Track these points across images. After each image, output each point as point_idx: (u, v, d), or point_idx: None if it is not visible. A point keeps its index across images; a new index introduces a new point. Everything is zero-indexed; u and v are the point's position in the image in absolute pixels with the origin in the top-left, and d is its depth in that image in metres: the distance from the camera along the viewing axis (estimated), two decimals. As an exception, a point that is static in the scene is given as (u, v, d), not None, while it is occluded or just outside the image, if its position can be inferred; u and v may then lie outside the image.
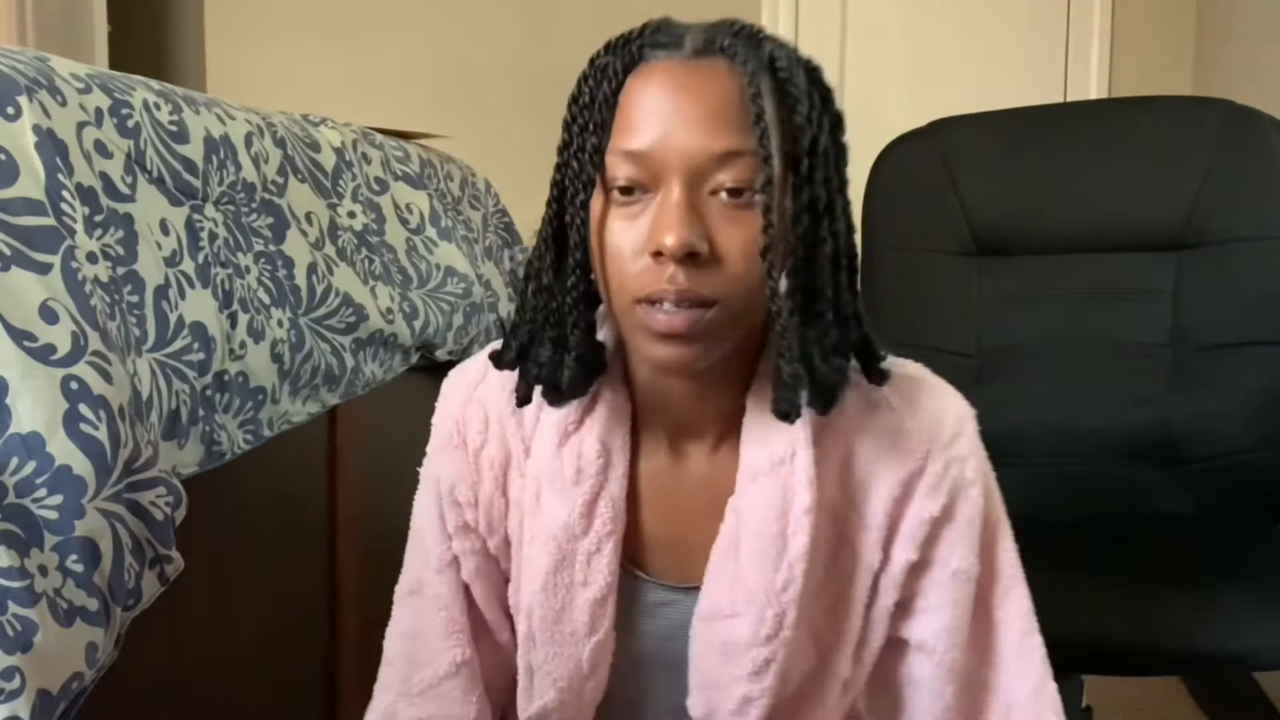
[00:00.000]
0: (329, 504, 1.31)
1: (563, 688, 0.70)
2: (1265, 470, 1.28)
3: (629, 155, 0.59)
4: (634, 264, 0.59)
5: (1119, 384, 1.35)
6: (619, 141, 0.59)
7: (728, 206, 0.59)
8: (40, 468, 0.70)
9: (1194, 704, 1.83)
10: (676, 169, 0.58)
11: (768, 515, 0.66)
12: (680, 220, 0.57)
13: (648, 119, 0.58)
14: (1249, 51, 2.09)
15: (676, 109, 0.58)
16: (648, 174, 0.59)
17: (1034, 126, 1.47)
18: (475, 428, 0.72)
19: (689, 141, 0.58)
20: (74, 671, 0.71)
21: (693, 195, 0.58)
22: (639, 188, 0.59)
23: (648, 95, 0.59)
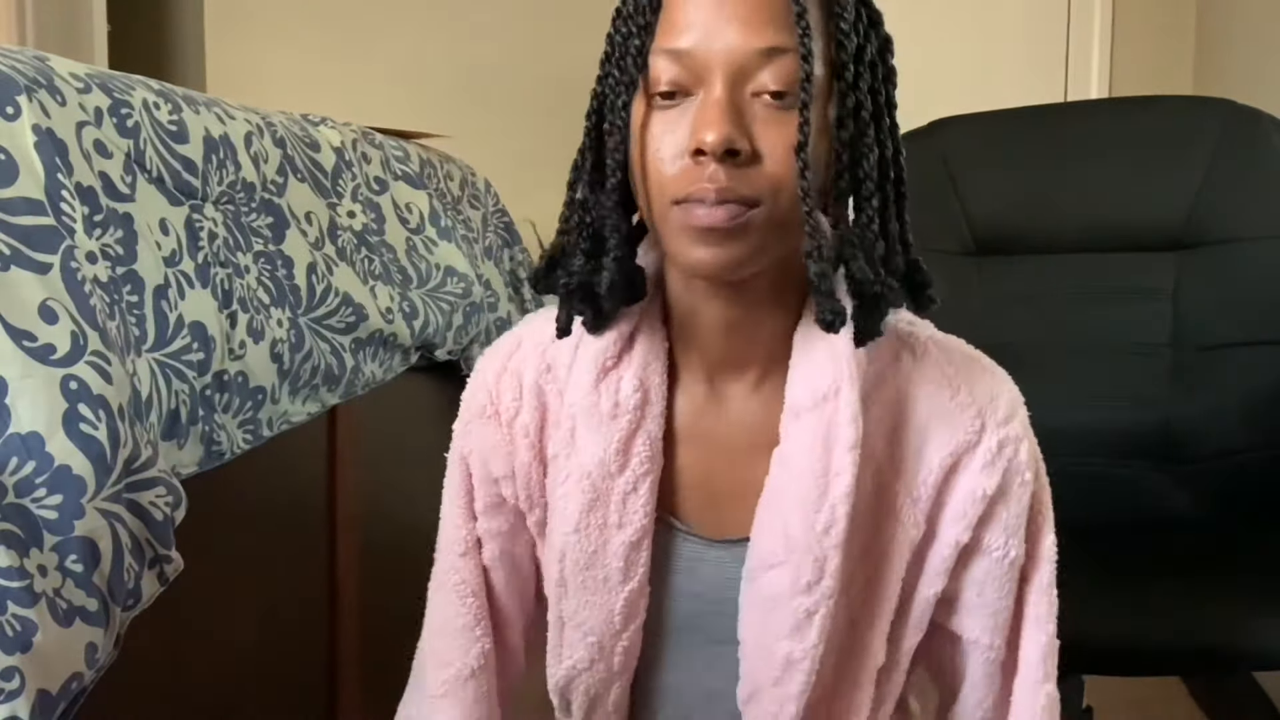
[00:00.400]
0: (329, 504, 1.30)
1: (593, 643, 0.68)
2: (1265, 470, 1.28)
3: (672, 54, 0.58)
4: (673, 166, 0.59)
5: (1119, 384, 1.35)
6: (663, 41, 0.59)
7: (771, 108, 0.58)
8: (40, 467, 0.70)
9: (1194, 704, 1.83)
10: (719, 67, 0.57)
11: (811, 454, 0.63)
12: (721, 117, 0.56)
13: (692, 18, 0.58)
14: (1249, 51, 2.09)
15: (720, 7, 0.57)
16: (690, 74, 0.58)
17: (1034, 126, 1.47)
18: (509, 396, 0.72)
19: (732, 38, 0.57)
20: (73, 672, 0.71)
21: (735, 94, 0.57)
22: (681, 90, 0.59)
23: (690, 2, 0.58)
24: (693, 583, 0.69)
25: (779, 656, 0.65)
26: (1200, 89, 2.31)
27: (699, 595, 0.69)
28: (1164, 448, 1.31)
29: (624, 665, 0.69)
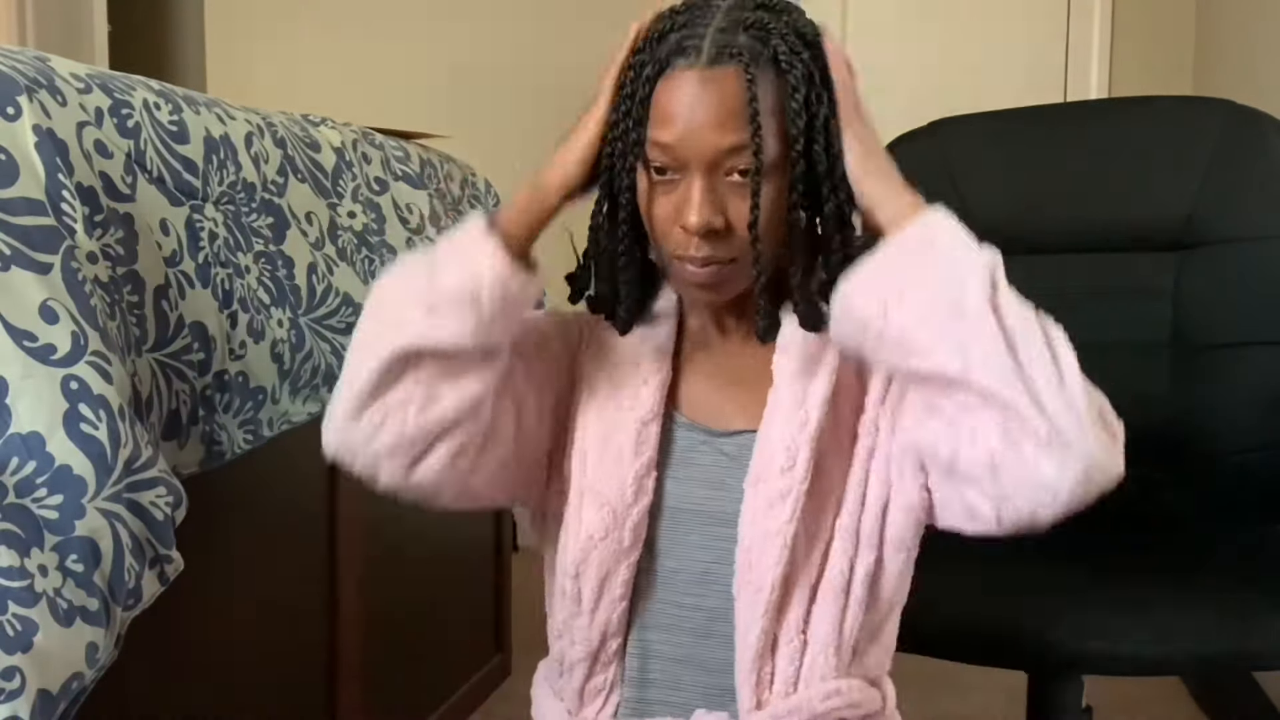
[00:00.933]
0: (329, 504, 1.31)
1: (607, 513, 0.78)
2: (1265, 470, 1.28)
3: (661, 147, 0.73)
4: (670, 230, 0.75)
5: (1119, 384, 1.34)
6: (655, 132, 0.73)
7: (739, 184, 0.73)
8: (40, 467, 0.70)
9: (1194, 704, 1.83)
10: (696, 159, 0.72)
11: (796, 377, 0.79)
12: (699, 204, 0.72)
13: (675, 117, 0.72)
14: (1249, 52, 2.09)
15: (693, 111, 0.72)
16: (676, 160, 0.73)
17: (1034, 126, 1.47)
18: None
19: (704, 138, 0.72)
20: (74, 671, 0.71)
21: (710, 179, 0.73)
22: (671, 169, 0.74)
23: (675, 97, 0.73)
24: (693, 469, 0.80)
25: (759, 529, 0.76)
26: (1200, 89, 2.31)
27: (699, 480, 0.80)
28: (1165, 448, 1.31)
29: (633, 541, 0.78)
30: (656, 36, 0.75)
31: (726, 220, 0.73)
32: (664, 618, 0.79)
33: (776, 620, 0.76)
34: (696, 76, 0.72)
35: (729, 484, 0.79)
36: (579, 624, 0.79)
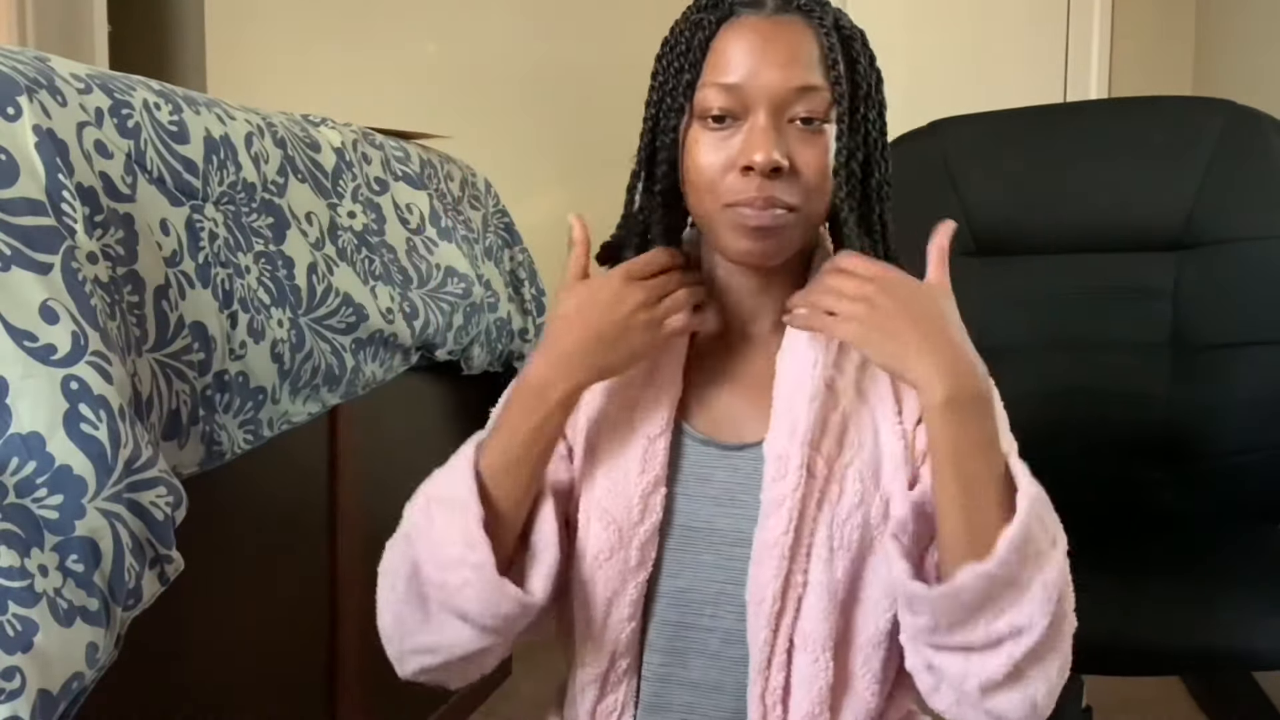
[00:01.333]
0: (329, 504, 1.31)
1: (614, 531, 0.75)
2: (1265, 470, 1.28)
3: (724, 88, 0.72)
4: (725, 177, 0.72)
5: (1119, 384, 1.35)
6: (714, 76, 0.72)
7: (803, 131, 0.72)
8: (40, 467, 0.70)
9: (1194, 704, 1.83)
10: (762, 100, 0.71)
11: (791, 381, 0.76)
12: (768, 141, 0.70)
13: (740, 60, 0.72)
14: (1249, 52, 2.09)
15: (763, 53, 0.71)
16: (738, 104, 0.71)
17: (1034, 126, 1.47)
18: None
19: (773, 77, 0.71)
20: (74, 671, 0.71)
21: (775, 121, 0.71)
22: (729, 115, 0.72)
23: (740, 42, 0.72)
24: (706, 485, 0.77)
25: (760, 541, 0.73)
26: (1200, 89, 2.31)
27: (712, 497, 0.77)
28: (1164, 448, 1.31)
29: (640, 560, 0.75)
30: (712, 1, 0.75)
31: (790, 163, 0.71)
32: (677, 640, 0.76)
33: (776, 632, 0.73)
34: (764, 22, 0.72)
35: (743, 500, 0.75)
36: (588, 644, 0.76)
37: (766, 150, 0.69)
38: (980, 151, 1.45)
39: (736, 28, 0.73)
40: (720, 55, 0.72)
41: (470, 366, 1.55)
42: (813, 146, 0.71)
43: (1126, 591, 1.09)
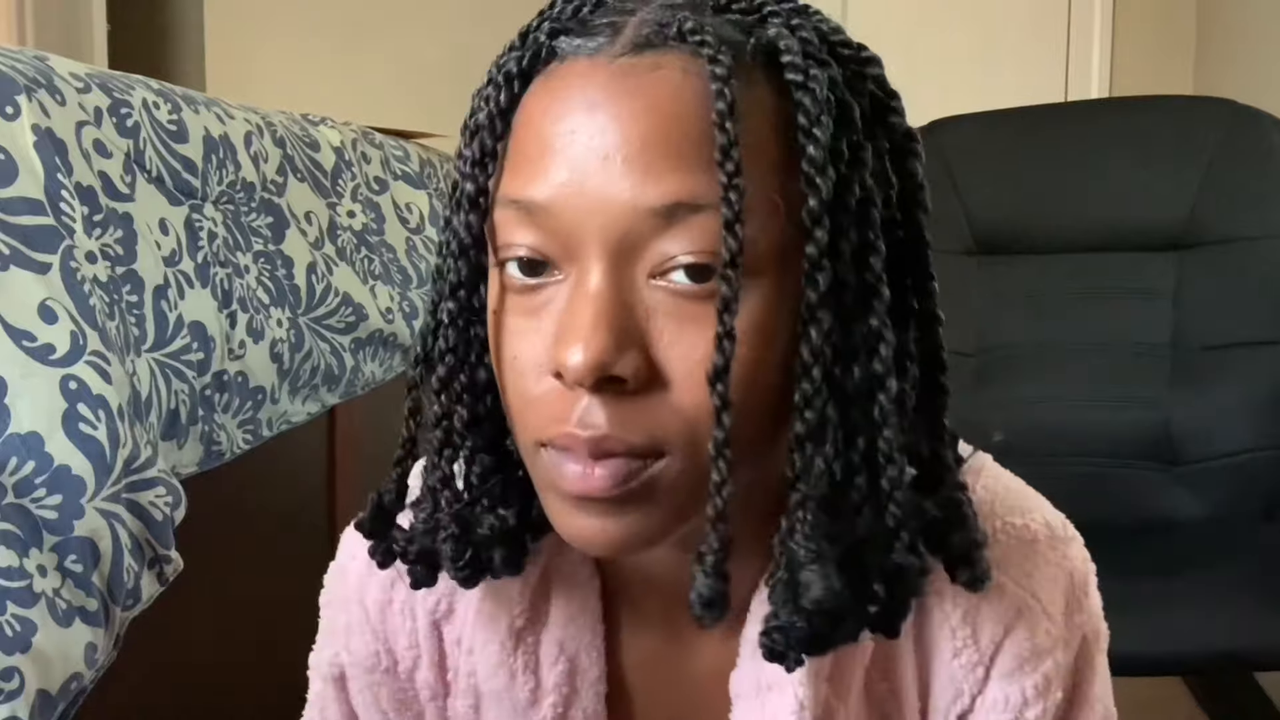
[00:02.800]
0: (329, 504, 1.30)
1: None
2: (1265, 470, 1.28)
3: (522, 209, 0.38)
4: (537, 386, 0.39)
5: (1119, 384, 1.35)
6: (509, 186, 0.39)
7: (683, 295, 0.37)
8: (39, 468, 0.70)
9: (1194, 704, 1.82)
10: (595, 235, 0.37)
11: (766, 675, 0.46)
12: (593, 323, 0.37)
13: (551, 151, 0.37)
14: (1250, 51, 2.09)
15: (594, 135, 0.37)
16: (554, 241, 0.38)
17: (1034, 126, 1.47)
18: (404, 641, 0.52)
19: (611, 188, 0.36)
20: (73, 672, 0.71)
21: (620, 278, 0.37)
22: (545, 263, 0.39)
23: (552, 113, 0.38)
24: None
25: None
26: (1200, 89, 2.31)
27: None
28: (1165, 448, 1.30)
29: None
30: (529, 27, 0.43)
31: (648, 361, 0.38)
32: None
33: None
34: (604, 69, 0.38)
35: None
36: None
37: (589, 342, 0.36)
38: (980, 151, 1.45)
39: (555, 81, 0.39)
40: (521, 140, 0.39)
41: (470, 366, 1.55)
42: (702, 324, 0.37)
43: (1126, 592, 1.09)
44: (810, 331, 0.38)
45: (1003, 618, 0.47)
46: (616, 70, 0.37)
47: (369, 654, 0.53)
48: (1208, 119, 1.35)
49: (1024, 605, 0.48)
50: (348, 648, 0.54)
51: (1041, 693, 0.49)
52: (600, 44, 0.38)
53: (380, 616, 0.52)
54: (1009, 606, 0.48)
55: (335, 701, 0.56)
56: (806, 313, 0.38)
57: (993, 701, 0.48)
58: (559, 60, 0.39)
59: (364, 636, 0.53)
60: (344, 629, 0.54)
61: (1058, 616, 0.49)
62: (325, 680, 0.56)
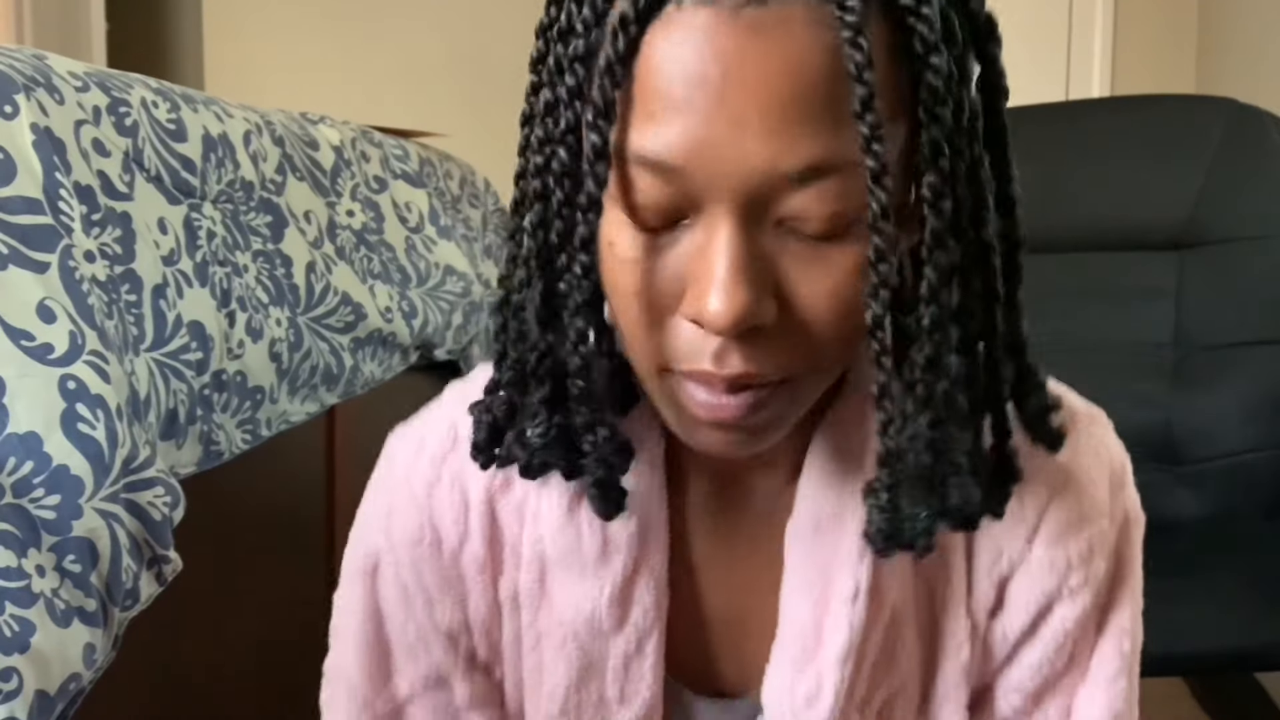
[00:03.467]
0: (328, 504, 1.30)
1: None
2: (1265, 470, 1.28)
3: (649, 165, 0.38)
4: (663, 319, 0.40)
5: (1120, 384, 1.35)
6: (638, 138, 0.38)
7: (811, 239, 0.38)
8: (38, 467, 0.70)
9: (1195, 704, 1.82)
10: (726, 191, 0.37)
11: (803, 597, 0.48)
12: (732, 277, 0.37)
13: (681, 111, 0.36)
14: (1251, 50, 2.09)
15: (728, 97, 0.36)
16: (683, 195, 0.38)
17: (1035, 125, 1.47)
18: (450, 518, 0.52)
19: (747, 151, 0.36)
20: (71, 672, 0.70)
21: (751, 228, 0.38)
22: (670, 209, 0.39)
23: (679, 70, 0.36)
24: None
25: None
26: (1202, 88, 2.31)
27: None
28: (1166, 448, 1.30)
29: None
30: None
31: (783, 303, 0.39)
32: None
33: None
34: (727, 23, 0.36)
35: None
36: None
37: (731, 298, 0.37)
38: (981, 150, 1.44)
39: (675, 32, 0.36)
40: (645, 92, 0.37)
41: (469, 366, 1.55)
42: (830, 266, 0.39)
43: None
44: (937, 258, 0.39)
45: (1048, 482, 0.50)
46: (744, 25, 0.35)
47: (414, 528, 0.53)
48: (1209, 118, 1.35)
49: (1069, 473, 0.50)
50: (388, 531, 0.54)
51: (1085, 559, 0.50)
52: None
53: (427, 494, 0.53)
54: (1054, 472, 0.50)
55: (361, 599, 0.56)
56: (933, 240, 0.39)
57: (1038, 564, 0.50)
58: (675, 4, 0.36)
59: (408, 513, 0.53)
60: (385, 512, 0.55)
61: (1103, 485, 0.52)
62: (356, 575, 0.56)
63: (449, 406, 0.54)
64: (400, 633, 0.55)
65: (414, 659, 0.55)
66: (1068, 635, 0.52)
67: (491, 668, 0.55)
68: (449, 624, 0.53)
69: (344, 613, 0.57)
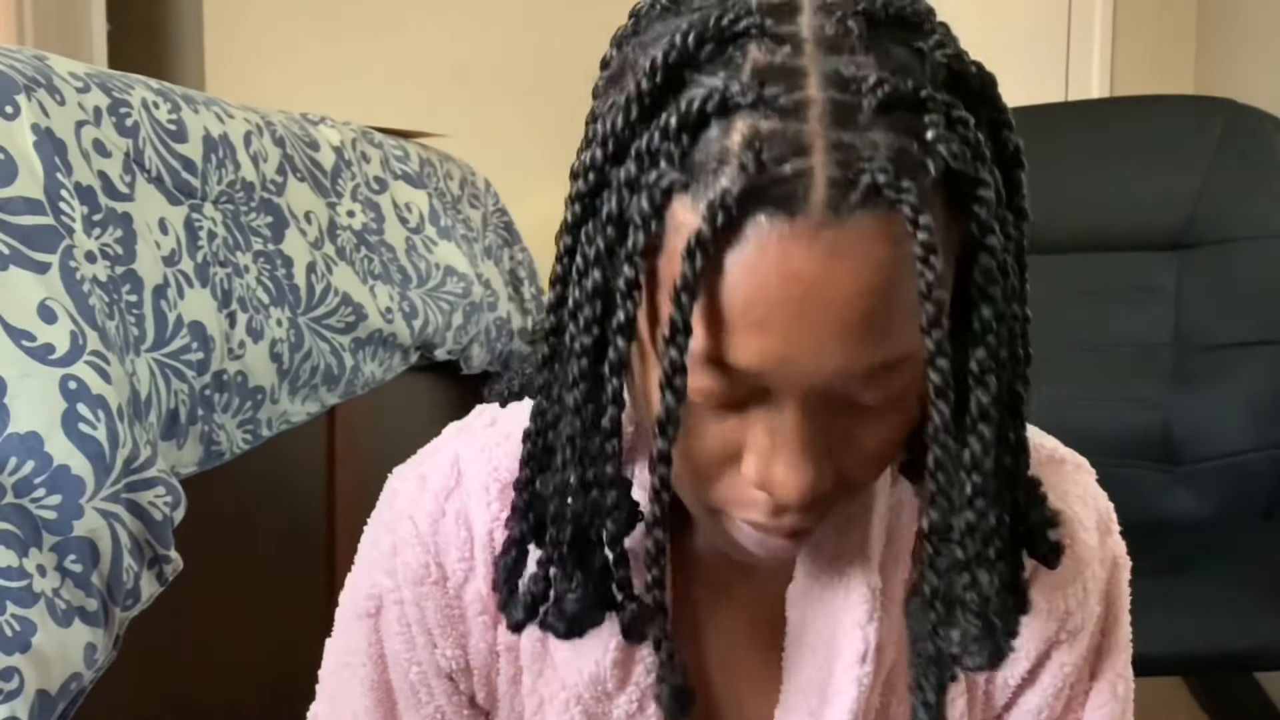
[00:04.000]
0: (329, 504, 1.30)
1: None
2: (1265, 470, 1.28)
3: (721, 366, 0.39)
4: (722, 468, 0.42)
5: (1119, 384, 1.35)
6: (708, 344, 0.38)
7: (867, 409, 0.40)
8: (39, 467, 0.70)
9: (1194, 704, 1.82)
10: (798, 390, 0.39)
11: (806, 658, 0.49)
12: (799, 457, 0.39)
13: (754, 326, 0.37)
14: (1250, 51, 2.09)
15: (802, 315, 0.37)
16: (747, 389, 0.39)
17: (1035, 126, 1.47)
18: (456, 553, 0.52)
19: (821, 359, 0.38)
20: (72, 672, 0.71)
21: (816, 408, 0.40)
22: (733, 399, 0.40)
23: (757, 291, 0.37)
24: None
25: None
26: (1201, 89, 2.31)
27: None
28: (1165, 448, 1.31)
29: None
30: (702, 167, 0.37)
31: (837, 462, 0.41)
32: None
33: None
34: (807, 243, 0.36)
35: None
36: None
37: (798, 475, 0.39)
38: (981, 151, 1.44)
39: (752, 248, 0.36)
40: (720, 304, 0.38)
41: (470, 366, 1.55)
42: (878, 425, 0.41)
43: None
44: (978, 395, 0.40)
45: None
46: (822, 249, 0.36)
47: (419, 565, 0.52)
48: (1209, 119, 1.35)
49: (1063, 517, 0.51)
50: (392, 570, 0.53)
51: (1081, 603, 0.52)
52: (793, 207, 0.36)
53: (432, 530, 0.53)
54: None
55: (365, 644, 0.55)
56: (975, 378, 0.40)
57: (1036, 611, 0.51)
58: (751, 220, 0.36)
59: (413, 550, 0.53)
60: (389, 550, 0.54)
61: (1093, 531, 0.54)
62: (358, 619, 0.55)
63: (450, 443, 0.55)
64: (403, 676, 0.54)
65: (417, 704, 0.54)
66: (1065, 679, 0.53)
67: (490, 715, 0.55)
68: (450, 665, 0.53)
69: (343, 663, 0.56)
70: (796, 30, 0.38)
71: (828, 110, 0.36)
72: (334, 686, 0.56)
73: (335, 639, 0.57)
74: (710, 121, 0.37)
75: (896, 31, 0.39)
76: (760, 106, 0.36)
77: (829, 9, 0.38)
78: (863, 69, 0.37)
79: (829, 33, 0.38)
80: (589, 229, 0.40)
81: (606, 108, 0.41)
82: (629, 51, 0.42)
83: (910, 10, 0.39)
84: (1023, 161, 0.42)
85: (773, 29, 0.38)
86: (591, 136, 0.41)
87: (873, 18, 0.38)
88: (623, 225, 0.39)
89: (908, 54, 0.38)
